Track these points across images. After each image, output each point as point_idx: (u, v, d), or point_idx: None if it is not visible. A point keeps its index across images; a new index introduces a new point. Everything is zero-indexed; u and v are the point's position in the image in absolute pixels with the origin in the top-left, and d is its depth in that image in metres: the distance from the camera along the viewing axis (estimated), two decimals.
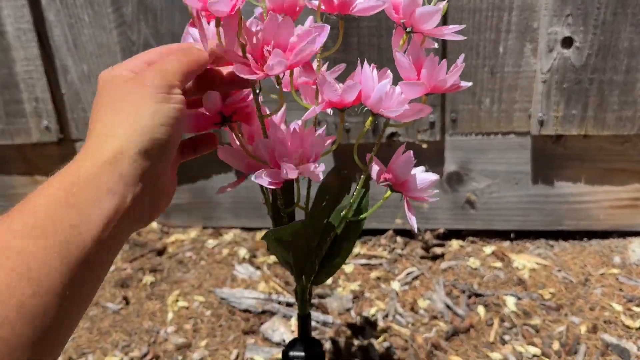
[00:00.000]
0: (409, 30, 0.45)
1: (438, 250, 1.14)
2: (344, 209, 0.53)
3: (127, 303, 1.06)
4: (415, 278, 1.08)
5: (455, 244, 1.17)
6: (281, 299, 1.03)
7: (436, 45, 0.49)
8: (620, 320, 0.92)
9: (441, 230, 1.18)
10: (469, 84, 0.46)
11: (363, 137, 0.49)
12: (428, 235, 1.17)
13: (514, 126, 1.08)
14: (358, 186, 0.52)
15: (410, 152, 0.48)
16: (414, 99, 0.43)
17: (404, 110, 0.41)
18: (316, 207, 0.54)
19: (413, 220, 0.47)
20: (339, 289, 1.05)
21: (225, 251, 1.19)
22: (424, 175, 0.48)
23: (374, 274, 1.09)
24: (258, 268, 1.13)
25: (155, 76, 0.38)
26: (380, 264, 1.12)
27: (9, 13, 1.14)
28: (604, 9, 0.96)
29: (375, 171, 0.49)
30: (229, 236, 1.25)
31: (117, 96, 0.38)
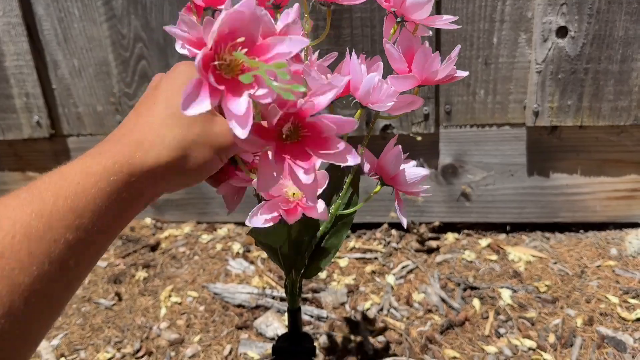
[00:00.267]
0: (399, 20, 0.44)
1: (433, 244, 1.14)
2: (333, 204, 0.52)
3: (120, 299, 1.05)
4: (410, 271, 1.07)
5: (450, 237, 1.17)
6: (275, 293, 1.02)
7: (430, 33, 0.48)
8: (616, 313, 0.91)
9: (436, 223, 1.17)
10: (465, 73, 0.45)
11: (356, 130, 0.48)
12: (423, 229, 1.16)
13: (508, 118, 1.07)
14: (347, 180, 0.51)
15: (399, 147, 0.47)
16: (404, 91, 0.42)
17: (393, 103, 0.40)
18: None
19: (403, 218, 0.47)
20: (334, 283, 1.04)
21: (219, 246, 1.18)
22: (414, 170, 0.47)
23: (368, 268, 1.08)
24: (252, 263, 1.12)
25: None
26: (375, 258, 1.11)
27: None
28: None
29: (366, 164, 0.48)
30: (223, 231, 1.24)
31: None
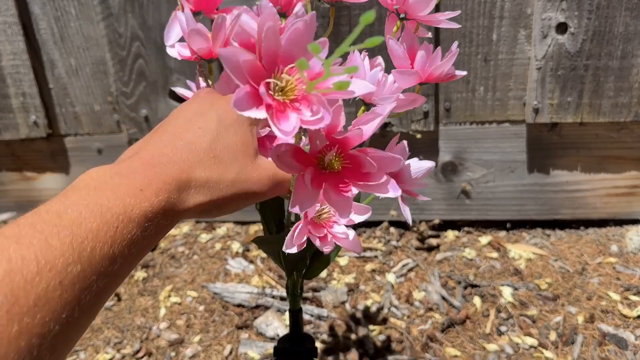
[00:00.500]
0: (402, 17, 0.44)
1: (433, 242, 1.13)
2: None
3: (119, 299, 1.04)
4: (410, 270, 1.06)
5: (450, 234, 1.16)
6: (275, 292, 1.01)
7: (430, 34, 0.47)
8: (617, 310, 0.91)
9: (436, 221, 1.17)
10: (463, 72, 0.45)
11: None
12: (423, 226, 1.15)
13: (508, 115, 1.07)
14: None
15: (405, 142, 0.46)
16: (407, 88, 0.41)
17: (397, 100, 0.40)
18: None
19: (407, 213, 0.46)
20: (334, 282, 1.04)
21: (218, 245, 1.18)
22: (418, 164, 0.47)
23: (369, 266, 1.08)
24: (251, 262, 1.12)
25: None
26: (375, 256, 1.11)
27: None
28: None
29: None
30: (222, 230, 1.24)
31: None
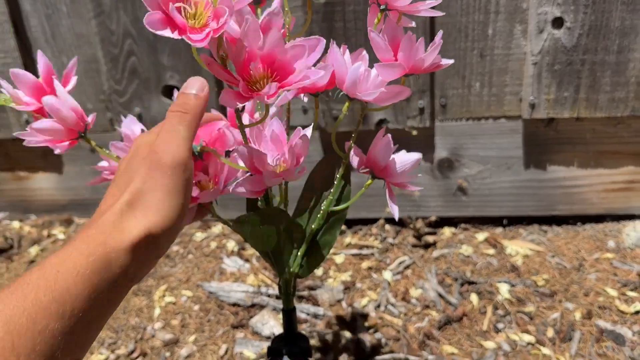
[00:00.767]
0: (383, 8, 0.43)
1: (430, 239, 1.12)
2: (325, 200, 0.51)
3: None
4: (407, 267, 1.06)
5: (447, 231, 1.16)
6: (270, 291, 1.01)
7: (414, 24, 0.46)
8: (614, 306, 0.90)
9: (433, 218, 1.16)
10: (450, 61, 0.44)
11: (349, 125, 0.47)
12: (419, 223, 1.15)
13: (504, 110, 1.06)
14: (338, 176, 0.50)
15: (389, 136, 0.45)
16: (392, 80, 0.40)
17: (380, 92, 0.39)
18: (303, 198, 0.52)
19: (395, 208, 0.45)
20: (330, 280, 1.03)
21: (213, 244, 1.17)
22: (405, 157, 0.46)
23: (365, 264, 1.07)
24: (247, 261, 1.11)
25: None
26: (371, 254, 1.10)
27: None
28: None
29: (354, 159, 0.47)
30: (217, 229, 1.23)
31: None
